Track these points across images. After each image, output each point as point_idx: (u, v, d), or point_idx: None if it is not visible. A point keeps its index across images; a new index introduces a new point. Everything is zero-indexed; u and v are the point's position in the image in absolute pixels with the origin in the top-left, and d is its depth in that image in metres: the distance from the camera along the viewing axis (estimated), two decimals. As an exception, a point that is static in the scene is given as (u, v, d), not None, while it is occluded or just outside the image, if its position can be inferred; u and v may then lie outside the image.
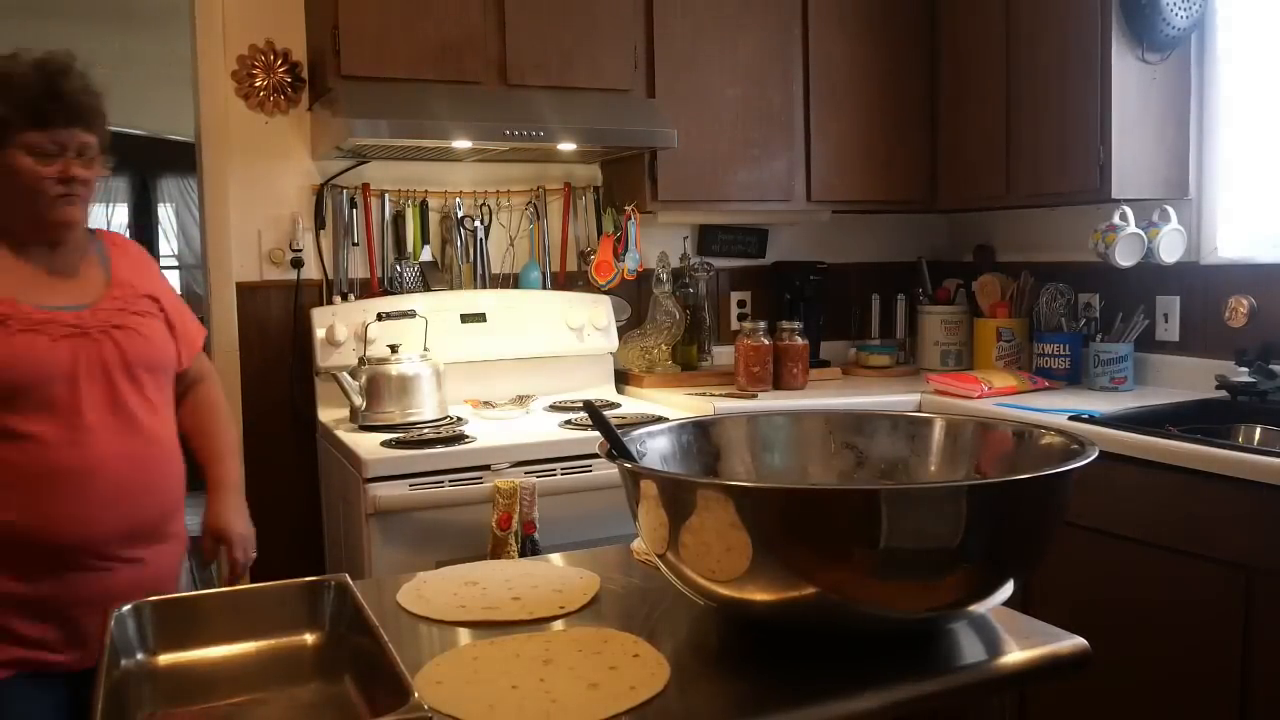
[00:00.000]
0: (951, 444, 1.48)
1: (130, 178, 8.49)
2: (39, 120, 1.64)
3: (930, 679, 1.12)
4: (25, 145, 1.64)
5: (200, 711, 1.13)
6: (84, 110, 1.69)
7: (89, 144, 1.71)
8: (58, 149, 1.67)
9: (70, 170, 1.68)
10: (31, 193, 1.67)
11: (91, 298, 1.77)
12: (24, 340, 1.65)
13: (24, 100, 1.64)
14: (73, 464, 1.67)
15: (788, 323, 3.19)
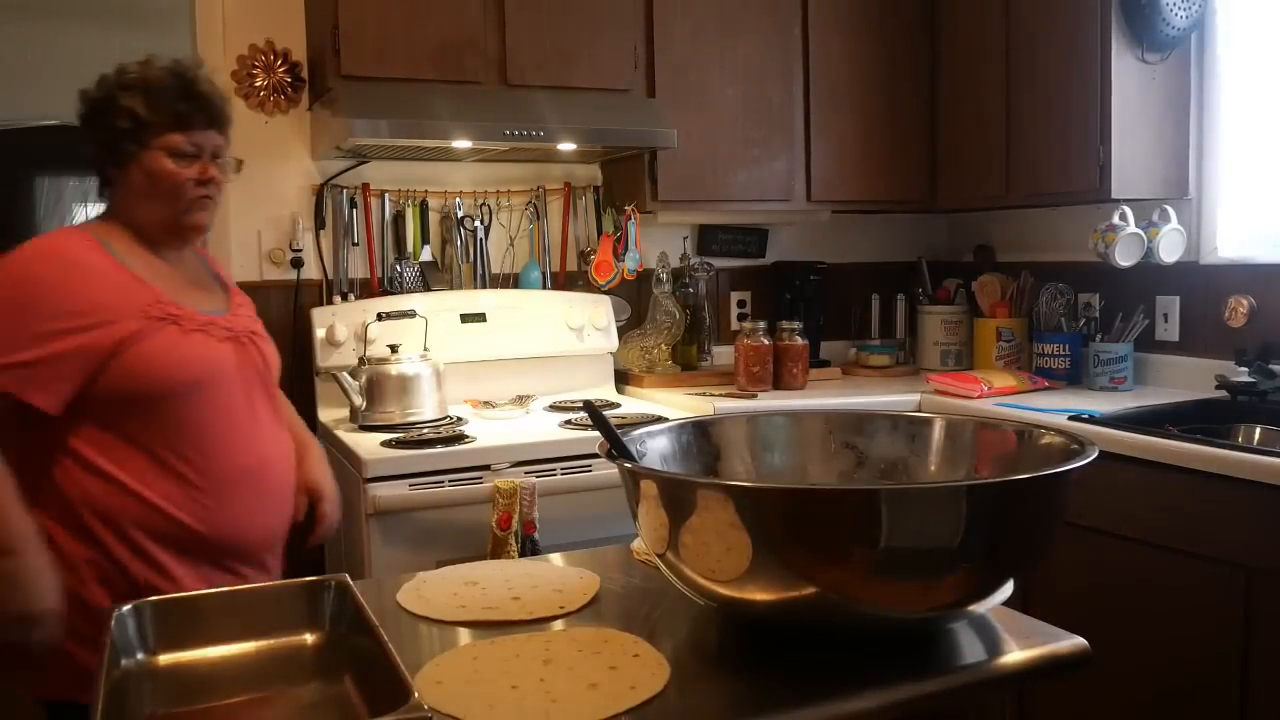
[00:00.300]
0: (951, 444, 1.48)
1: (130, 178, 8.49)
2: (180, 122, 1.65)
3: (930, 679, 1.12)
4: (165, 147, 1.65)
5: (200, 711, 1.13)
6: (219, 112, 1.70)
7: (222, 146, 1.72)
8: (196, 151, 1.67)
9: (209, 172, 1.69)
10: (171, 195, 1.67)
11: (222, 304, 1.79)
12: (200, 340, 1.66)
13: (164, 102, 1.64)
14: (248, 464, 1.68)
15: (788, 323, 3.19)
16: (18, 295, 1.55)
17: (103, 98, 1.67)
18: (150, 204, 1.68)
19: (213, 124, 1.69)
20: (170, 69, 1.67)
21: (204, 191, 1.69)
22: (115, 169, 1.69)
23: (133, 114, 1.64)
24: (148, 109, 1.64)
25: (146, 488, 1.60)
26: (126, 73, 1.66)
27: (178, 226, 1.71)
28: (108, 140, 1.66)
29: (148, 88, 1.64)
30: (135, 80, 1.65)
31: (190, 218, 1.70)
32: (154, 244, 1.71)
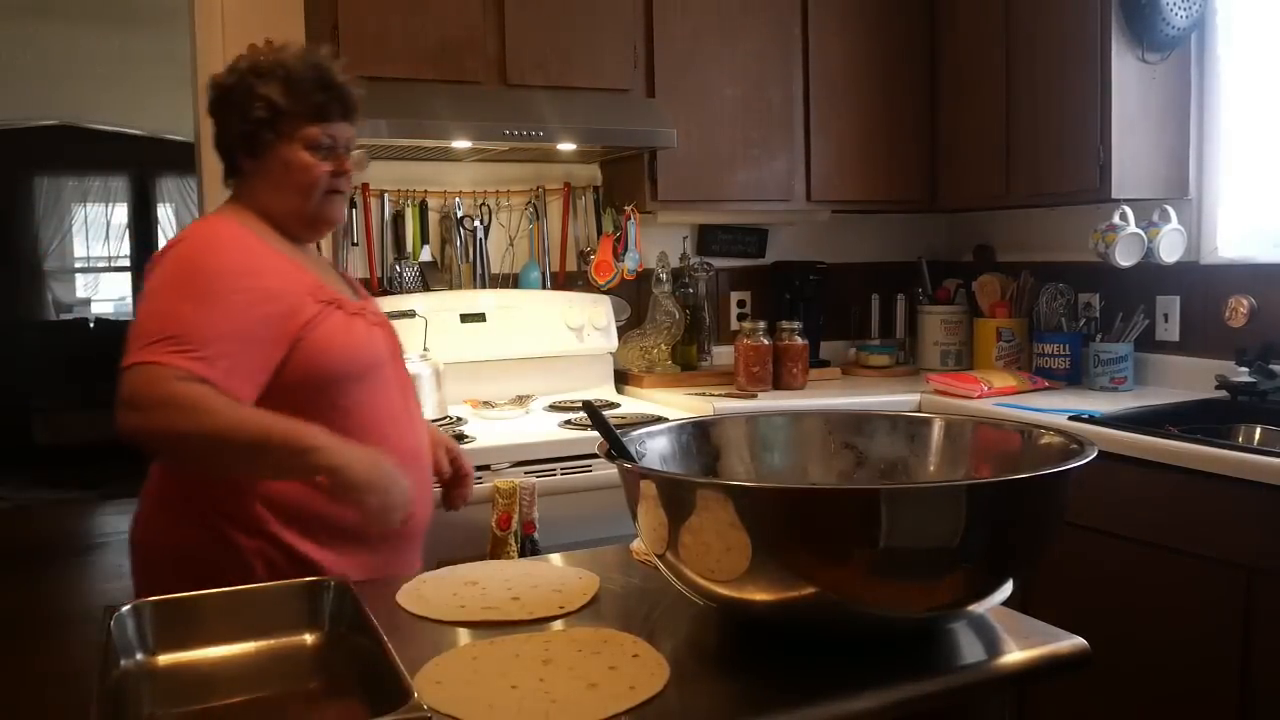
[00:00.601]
0: (951, 444, 1.48)
1: (129, 178, 8.50)
2: (318, 114, 1.63)
3: (930, 679, 1.12)
4: (304, 139, 1.62)
5: (200, 712, 1.13)
6: (353, 104, 1.68)
7: (353, 139, 1.69)
8: (332, 143, 1.65)
9: (345, 166, 1.67)
10: (307, 188, 1.64)
11: (349, 291, 1.77)
12: (361, 325, 1.66)
13: (303, 92, 1.61)
14: (406, 448, 1.67)
15: (787, 323, 3.19)
16: (203, 286, 1.51)
17: (238, 85, 1.63)
18: (285, 195, 1.65)
19: (347, 116, 1.67)
20: (306, 58, 1.64)
21: (338, 185, 1.67)
22: (249, 158, 1.66)
23: (271, 103, 1.61)
24: (287, 98, 1.61)
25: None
26: (261, 60, 1.63)
27: (312, 219, 1.68)
28: (243, 129, 1.63)
29: (287, 76, 1.61)
30: (272, 68, 1.62)
31: (325, 211, 1.68)
32: (287, 233, 1.69)
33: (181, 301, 1.49)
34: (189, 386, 1.42)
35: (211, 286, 1.51)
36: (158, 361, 1.42)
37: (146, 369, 1.42)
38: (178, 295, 1.50)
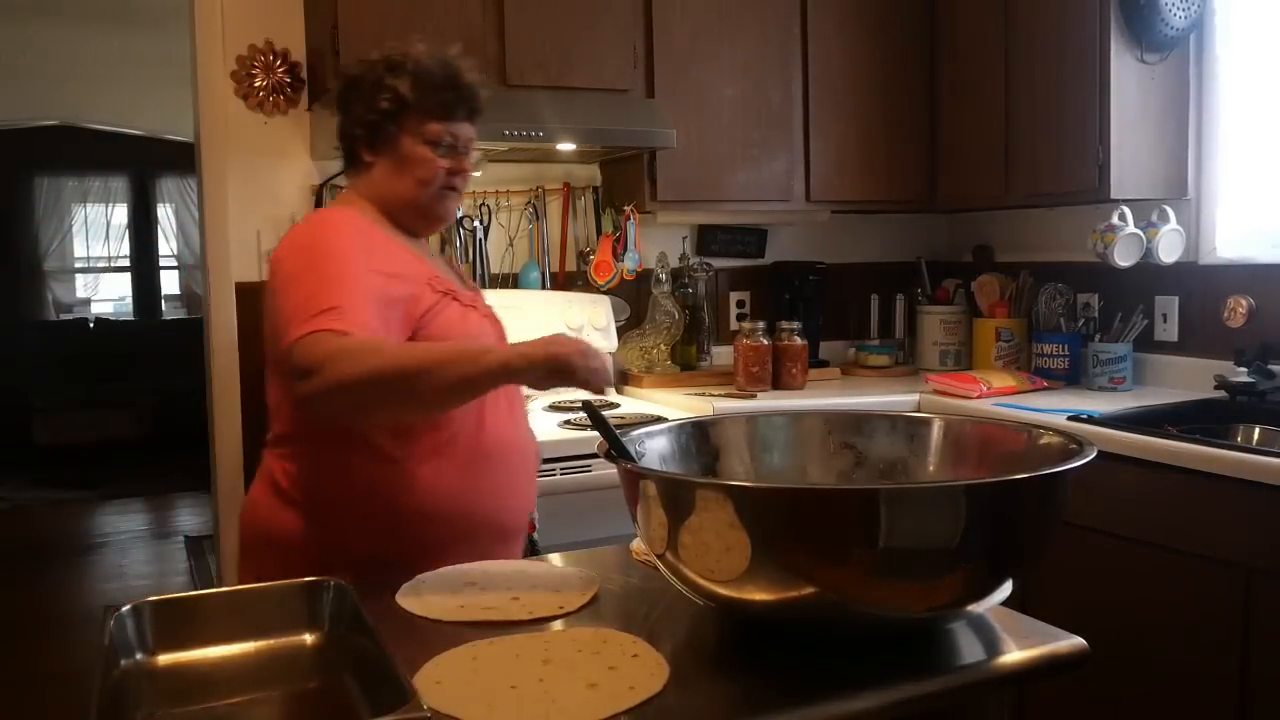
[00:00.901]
0: (950, 444, 1.48)
1: (129, 178, 8.50)
2: (443, 111, 1.64)
3: (929, 679, 1.12)
4: (424, 134, 1.64)
5: (199, 711, 1.13)
6: (479, 105, 1.69)
7: (473, 140, 1.71)
8: (453, 141, 1.66)
9: (463, 165, 1.69)
10: (423, 184, 1.66)
11: (461, 284, 1.78)
12: (474, 316, 1.68)
13: (430, 89, 1.63)
14: (511, 437, 1.68)
15: (787, 323, 3.19)
16: (337, 267, 1.51)
17: (367, 76, 1.66)
18: (401, 188, 1.67)
19: (471, 116, 1.68)
20: (438, 56, 1.66)
21: (454, 182, 1.68)
22: (370, 150, 1.68)
23: (398, 96, 1.63)
24: (414, 93, 1.63)
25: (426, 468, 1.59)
26: (393, 54, 1.65)
27: (425, 213, 1.70)
28: (367, 120, 1.65)
29: (416, 72, 1.63)
30: (403, 62, 1.64)
31: (438, 207, 1.70)
32: (400, 225, 1.70)
33: (321, 282, 1.48)
34: (351, 339, 1.42)
35: (344, 269, 1.51)
36: (316, 330, 1.42)
37: (308, 339, 1.42)
38: (316, 277, 1.50)
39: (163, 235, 8.71)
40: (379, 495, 1.58)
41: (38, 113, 7.51)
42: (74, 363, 7.72)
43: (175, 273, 8.80)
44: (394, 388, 1.40)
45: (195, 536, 5.49)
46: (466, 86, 1.66)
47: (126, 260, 8.66)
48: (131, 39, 6.51)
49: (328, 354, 1.39)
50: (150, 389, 7.56)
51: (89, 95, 7.18)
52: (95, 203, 8.51)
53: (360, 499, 1.58)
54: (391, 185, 1.67)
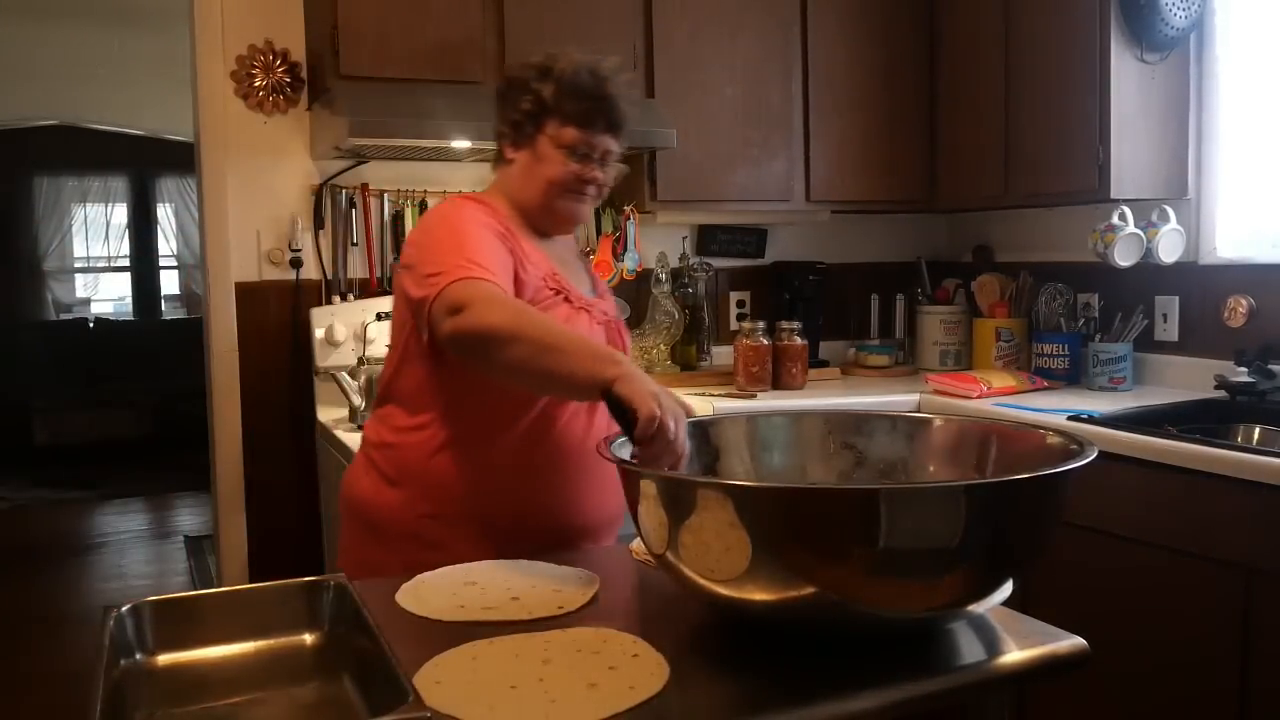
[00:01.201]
0: (950, 444, 1.48)
1: (129, 177, 8.51)
2: (582, 120, 1.67)
3: (929, 679, 1.12)
4: (559, 138, 1.67)
5: (199, 711, 1.13)
6: (620, 118, 1.71)
7: (613, 151, 1.73)
8: (586, 150, 1.69)
9: (591, 173, 1.70)
10: (551, 186, 1.70)
11: (587, 286, 1.81)
12: (585, 320, 1.70)
13: (570, 95, 1.66)
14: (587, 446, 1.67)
15: (787, 323, 3.19)
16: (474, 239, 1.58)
17: (520, 78, 1.71)
18: (530, 187, 1.71)
19: (610, 129, 1.70)
20: (589, 65, 1.68)
21: (581, 189, 1.71)
22: (511, 147, 1.73)
23: (540, 99, 1.67)
24: (554, 98, 1.66)
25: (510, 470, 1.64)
26: (547, 60, 1.69)
27: (551, 215, 1.73)
28: (512, 119, 1.71)
29: (562, 78, 1.66)
30: (553, 68, 1.68)
31: (563, 208, 1.72)
32: (530, 223, 1.74)
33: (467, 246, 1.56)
34: (502, 291, 1.51)
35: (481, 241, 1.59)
36: (474, 276, 1.50)
37: (467, 281, 1.49)
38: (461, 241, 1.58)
39: (162, 235, 8.71)
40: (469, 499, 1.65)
41: (37, 112, 7.51)
42: (74, 363, 7.72)
43: (175, 272, 8.81)
44: (525, 349, 1.43)
45: (195, 536, 5.49)
46: (608, 99, 1.68)
47: (126, 260, 8.66)
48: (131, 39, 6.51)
49: (482, 295, 1.47)
50: (150, 389, 7.56)
51: (89, 95, 7.18)
52: (95, 202, 8.51)
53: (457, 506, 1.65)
54: (524, 183, 1.72)
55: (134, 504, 6.32)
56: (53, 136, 7.76)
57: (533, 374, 1.45)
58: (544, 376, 1.45)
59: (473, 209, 1.67)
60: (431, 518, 1.65)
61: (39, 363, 7.67)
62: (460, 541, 1.62)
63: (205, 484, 3.49)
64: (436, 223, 1.67)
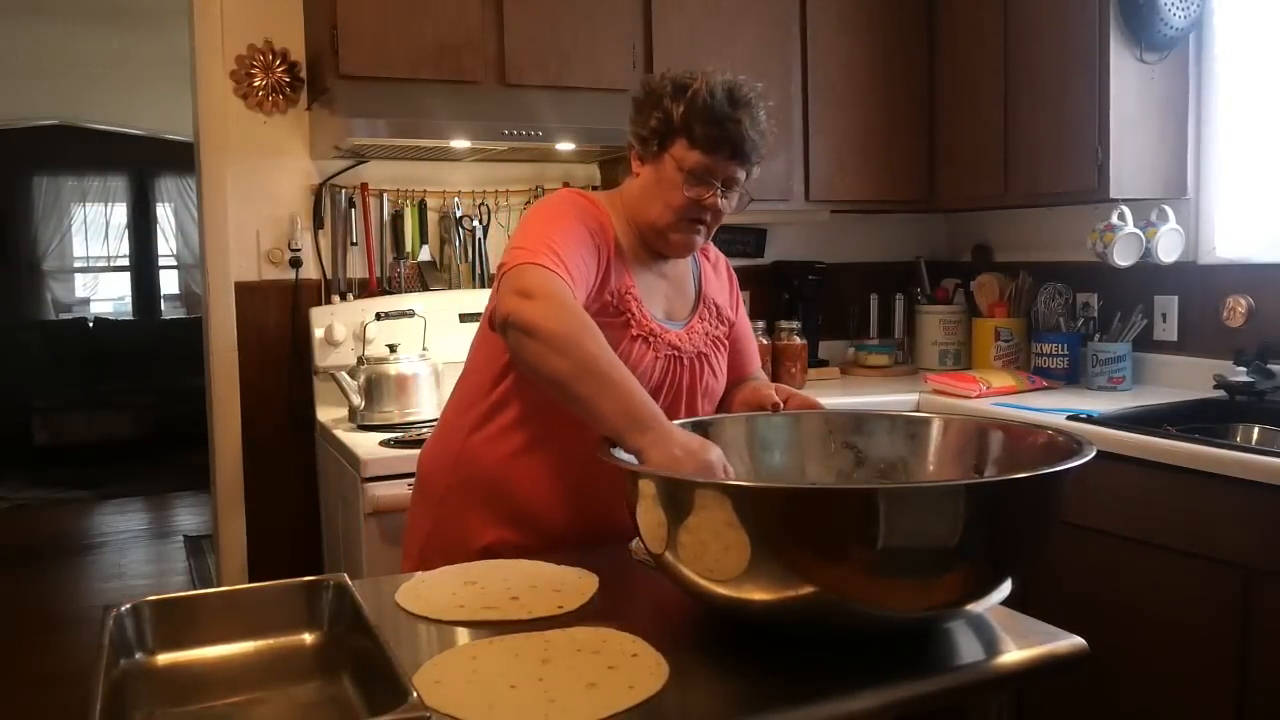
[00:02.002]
0: (950, 444, 1.48)
1: (129, 177, 8.50)
2: (705, 144, 1.61)
3: (928, 678, 1.13)
4: (681, 160, 1.62)
5: (199, 711, 1.13)
6: (748, 148, 1.64)
7: (737, 180, 1.66)
8: (707, 176, 1.63)
9: (709, 200, 1.64)
10: (665, 208, 1.64)
11: (684, 314, 1.75)
12: (637, 348, 1.64)
13: (700, 118, 1.60)
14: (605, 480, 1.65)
15: (786, 322, 3.18)
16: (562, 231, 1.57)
17: (655, 92, 1.65)
18: (645, 205, 1.67)
19: (735, 157, 1.63)
20: (727, 87, 1.62)
21: (698, 214, 1.65)
22: (638, 161, 1.69)
23: (668, 118, 1.62)
24: (682, 118, 1.61)
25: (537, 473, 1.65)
26: (686, 77, 1.64)
27: (661, 239, 1.68)
28: (640, 133, 1.67)
29: (694, 99, 1.60)
30: (688, 88, 1.62)
31: (674, 236, 1.67)
32: (641, 239, 1.70)
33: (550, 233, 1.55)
34: (571, 296, 1.48)
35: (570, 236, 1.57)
36: (555, 270, 1.48)
37: (545, 271, 1.48)
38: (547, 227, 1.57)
39: (162, 235, 8.71)
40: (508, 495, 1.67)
41: (37, 112, 7.50)
42: (73, 362, 7.72)
43: (174, 272, 8.81)
44: (568, 367, 1.41)
45: (194, 536, 5.48)
46: (737, 126, 1.61)
47: (126, 260, 8.66)
48: (131, 38, 6.51)
49: (554, 293, 1.45)
50: (149, 389, 7.56)
51: (88, 95, 7.18)
52: (94, 202, 8.51)
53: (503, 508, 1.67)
54: (642, 200, 1.68)
55: (133, 504, 6.32)
56: (52, 136, 7.76)
57: (564, 393, 1.42)
58: (573, 401, 1.41)
59: (579, 203, 1.65)
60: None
61: (38, 362, 7.67)
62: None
63: (205, 484, 3.49)
64: (542, 207, 1.66)
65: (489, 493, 1.68)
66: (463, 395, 1.76)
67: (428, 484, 1.77)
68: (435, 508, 1.73)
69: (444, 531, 1.70)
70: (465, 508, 1.69)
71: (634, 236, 1.70)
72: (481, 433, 1.69)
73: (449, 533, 1.69)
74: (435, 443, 1.80)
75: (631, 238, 1.70)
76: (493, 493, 1.67)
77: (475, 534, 1.66)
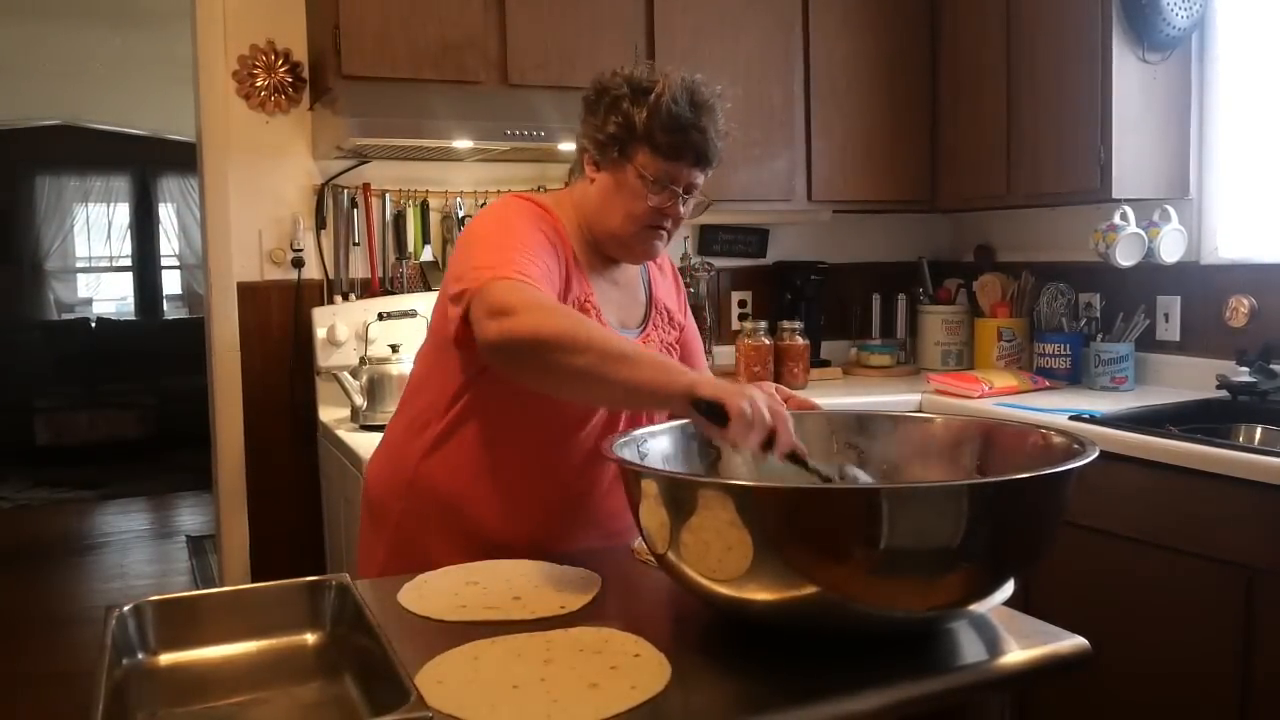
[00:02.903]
0: (952, 444, 1.48)
1: (131, 177, 8.51)
2: (670, 151, 1.56)
3: (930, 678, 1.12)
4: (643, 168, 1.57)
5: (200, 711, 1.13)
6: (714, 155, 1.60)
7: (696, 184, 1.62)
8: (669, 182, 1.58)
9: (674, 210, 1.60)
10: (628, 218, 1.60)
11: (637, 321, 1.72)
12: None
13: (664, 125, 1.55)
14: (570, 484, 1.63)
15: (788, 322, 3.18)
16: (521, 242, 1.51)
17: (612, 92, 1.60)
18: (606, 213, 1.61)
19: (698, 163, 1.59)
20: (689, 90, 1.56)
21: (660, 223, 1.61)
22: (593, 167, 1.63)
23: (629, 123, 1.56)
24: (645, 125, 1.55)
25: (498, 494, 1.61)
26: (646, 80, 1.58)
27: (623, 247, 1.64)
28: (596, 137, 1.61)
29: (656, 104, 1.55)
30: (649, 90, 1.56)
31: (637, 245, 1.63)
32: (594, 244, 1.66)
33: (516, 248, 1.49)
34: (548, 297, 1.42)
35: (529, 244, 1.52)
36: (513, 277, 1.42)
37: (507, 282, 1.41)
38: (512, 241, 1.51)
39: (164, 235, 8.72)
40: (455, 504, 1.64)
41: (39, 112, 7.52)
42: (75, 362, 7.72)
43: (177, 272, 8.81)
44: (592, 358, 1.33)
45: (196, 536, 5.49)
46: (701, 132, 1.56)
47: (128, 260, 8.66)
48: (133, 38, 6.51)
49: (529, 302, 1.38)
50: (152, 389, 7.56)
51: (91, 95, 7.19)
52: (97, 202, 8.51)
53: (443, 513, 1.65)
54: (599, 208, 1.62)
55: (136, 504, 6.33)
56: (54, 136, 7.76)
57: (599, 383, 1.34)
58: (613, 385, 1.34)
59: (528, 209, 1.60)
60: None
61: (41, 363, 7.68)
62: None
63: (207, 484, 3.49)
64: (489, 218, 1.60)
65: (447, 516, 1.63)
66: (414, 416, 1.68)
67: (378, 508, 1.71)
68: (390, 533, 1.68)
69: (402, 556, 1.64)
70: (422, 532, 1.64)
71: (586, 242, 1.65)
72: (436, 455, 1.64)
73: (407, 557, 1.61)
74: (384, 465, 1.73)
75: (584, 244, 1.64)
76: (451, 516, 1.63)
77: (436, 560, 1.57)
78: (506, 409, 1.60)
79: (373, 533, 1.73)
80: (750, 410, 1.22)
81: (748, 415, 1.22)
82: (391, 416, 1.79)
